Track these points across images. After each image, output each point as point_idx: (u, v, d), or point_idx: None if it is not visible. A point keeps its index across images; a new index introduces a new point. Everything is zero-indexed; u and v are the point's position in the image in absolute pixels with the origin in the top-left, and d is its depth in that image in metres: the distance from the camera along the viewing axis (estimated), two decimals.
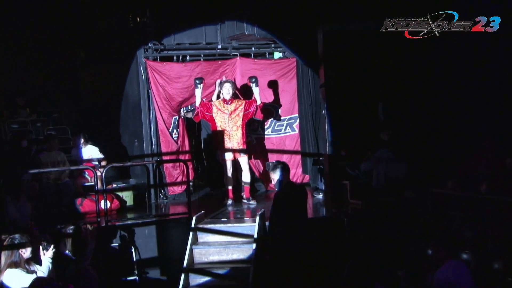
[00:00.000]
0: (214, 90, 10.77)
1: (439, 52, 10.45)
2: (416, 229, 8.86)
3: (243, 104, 10.30)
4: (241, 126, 10.26)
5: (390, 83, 11.34)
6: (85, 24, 12.29)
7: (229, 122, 10.22)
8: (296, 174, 11.61)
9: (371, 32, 9.75)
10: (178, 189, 11.16)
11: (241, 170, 10.39)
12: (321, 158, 10.84)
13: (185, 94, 11.14)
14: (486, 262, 6.92)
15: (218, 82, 10.63)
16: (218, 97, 10.52)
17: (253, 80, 10.40)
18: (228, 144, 10.23)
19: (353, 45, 10.54)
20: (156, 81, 10.99)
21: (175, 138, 11.15)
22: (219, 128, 10.25)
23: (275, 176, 7.79)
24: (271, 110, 11.52)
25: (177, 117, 11.15)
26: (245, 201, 10.28)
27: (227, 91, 10.23)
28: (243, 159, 10.32)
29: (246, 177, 10.34)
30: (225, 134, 10.22)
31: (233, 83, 10.48)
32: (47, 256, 7.19)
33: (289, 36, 10.88)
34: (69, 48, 12.84)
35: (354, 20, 10.09)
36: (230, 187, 10.31)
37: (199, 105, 10.30)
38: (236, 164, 10.37)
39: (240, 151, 10.21)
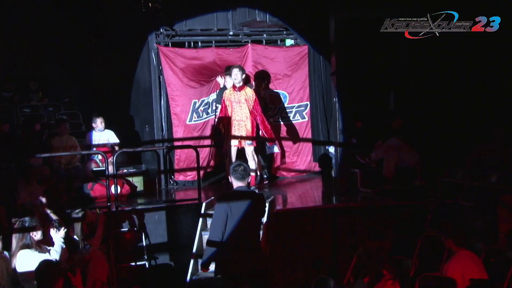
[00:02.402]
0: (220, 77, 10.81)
1: (450, 40, 10.39)
2: (426, 218, 8.85)
3: (254, 99, 9.98)
4: (249, 116, 9.98)
5: (401, 71, 11.30)
6: (96, 9, 12.28)
7: (239, 111, 9.99)
8: (306, 161, 11.61)
9: (382, 19, 9.69)
10: (189, 177, 11.19)
11: (246, 159, 10.31)
12: (327, 147, 10.82)
13: (199, 80, 11.13)
14: (497, 252, 6.90)
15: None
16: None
17: None
18: (236, 132, 10.04)
19: (364, 33, 10.48)
20: (169, 66, 10.98)
21: (195, 121, 11.13)
22: (229, 115, 10.03)
23: (235, 179, 6.70)
24: (279, 97, 11.47)
25: (196, 100, 11.13)
26: (252, 188, 10.21)
27: (236, 76, 9.94)
28: (248, 149, 10.08)
29: (251, 165, 10.24)
30: (233, 124, 10.00)
31: (242, 68, 10.19)
32: (59, 236, 7.24)
33: (300, 23, 10.84)
34: (80, 33, 12.84)
35: (366, 7, 10.04)
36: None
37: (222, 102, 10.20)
38: (241, 152, 10.28)
39: (246, 138, 10.08)
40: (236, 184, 6.70)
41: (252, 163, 10.15)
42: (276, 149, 11.28)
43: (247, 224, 6.50)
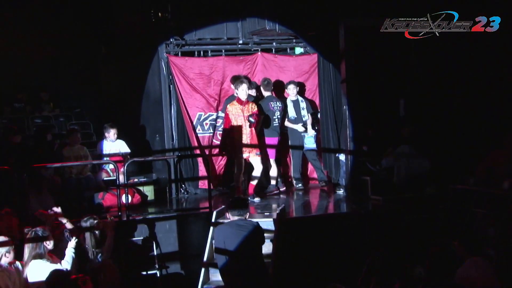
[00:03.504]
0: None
1: (460, 47, 10.36)
2: (437, 225, 8.79)
3: (255, 113, 10.01)
4: (252, 130, 10.03)
5: (412, 78, 11.27)
6: (106, 19, 12.36)
7: (245, 123, 9.98)
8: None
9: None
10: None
11: (252, 168, 10.28)
12: (338, 155, 10.80)
13: (208, 89, 11.17)
14: (509, 260, 6.84)
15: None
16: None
17: None
18: (243, 145, 10.05)
19: (374, 40, 10.48)
20: (179, 76, 11.02)
21: (199, 134, 11.17)
22: (236, 132, 10.01)
23: (232, 215, 7.02)
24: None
25: (202, 113, 11.14)
26: (250, 197, 10.17)
27: (243, 92, 9.93)
28: (254, 159, 10.11)
29: (256, 174, 10.26)
30: (242, 137, 10.01)
31: (250, 84, 10.24)
32: (70, 246, 7.27)
33: (310, 31, 10.85)
34: (91, 43, 12.92)
35: (376, 15, 10.03)
36: (253, 183, 10.31)
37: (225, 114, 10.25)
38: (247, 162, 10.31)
39: (253, 146, 10.10)
40: (233, 218, 6.97)
41: (257, 172, 10.17)
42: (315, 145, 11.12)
43: (243, 254, 6.73)
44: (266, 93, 10.82)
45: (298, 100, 11.08)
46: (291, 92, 11.01)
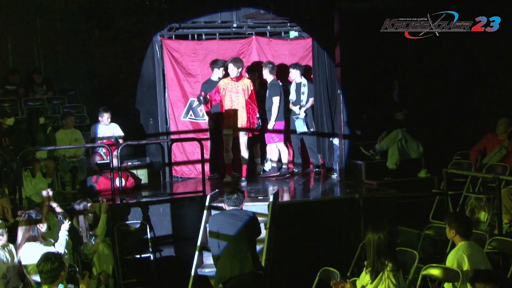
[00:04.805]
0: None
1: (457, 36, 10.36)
2: (431, 209, 8.84)
3: (251, 89, 10.12)
4: (245, 106, 10.08)
5: (406, 63, 11.26)
6: (100, 1, 12.27)
7: (236, 101, 10.04)
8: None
9: (387, 11, 9.66)
10: (189, 172, 11.19)
11: (239, 149, 10.30)
12: (332, 139, 10.81)
13: (202, 73, 11.12)
14: (501, 243, 6.89)
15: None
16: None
17: None
18: (231, 121, 10.09)
19: (369, 25, 10.45)
20: (171, 59, 10.98)
21: (190, 119, 11.14)
22: (226, 107, 10.10)
23: (228, 206, 7.05)
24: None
25: (195, 99, 11.10)
26: (243, 179, 10.27)
27: (231, 70, 10.06)
28: (242, 138, 10.16)
29: (244, 155, 10.28)
30: (228, 113, 10.08)
31: (237, 61, 10.22)
32: (63, 229, 7.29)
33: (305, 15, 10.81)
34: (84, 25, 12.83)
35: None
36: (229, 163, 10.34)
37: (209, 94, 10.28)
38: (235, 141, 10.32)
39: (241, 129, 10.14)
40: (228, 208, 6.97)
41: (245, 153, 10.20)
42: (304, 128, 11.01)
43: (237, 244, 6.70)
44: (270, 77, 10.72)
45: (301, 83, 11.03)
46: (293, 75, 10.97)
